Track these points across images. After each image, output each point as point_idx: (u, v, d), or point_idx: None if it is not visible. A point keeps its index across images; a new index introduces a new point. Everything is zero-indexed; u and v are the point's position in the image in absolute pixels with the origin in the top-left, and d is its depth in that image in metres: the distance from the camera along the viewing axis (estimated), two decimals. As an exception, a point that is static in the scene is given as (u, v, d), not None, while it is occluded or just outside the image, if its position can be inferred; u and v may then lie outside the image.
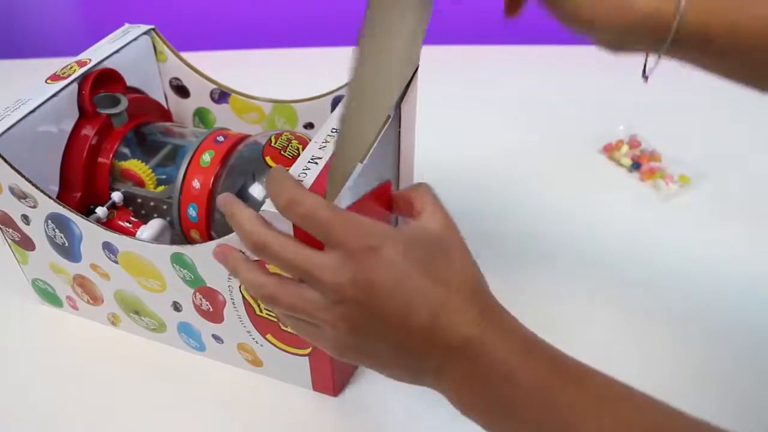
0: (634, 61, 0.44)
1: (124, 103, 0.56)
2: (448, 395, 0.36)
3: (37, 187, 0.48)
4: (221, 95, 0.63)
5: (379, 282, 0.34)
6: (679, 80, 0.56)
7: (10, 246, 0.55)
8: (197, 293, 0.48)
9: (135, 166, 0.56)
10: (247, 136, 0.55)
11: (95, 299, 0.55)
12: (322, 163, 0.39)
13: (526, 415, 0.33)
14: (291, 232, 0.37)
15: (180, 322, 0.52)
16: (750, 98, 0.43)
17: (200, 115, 0.66)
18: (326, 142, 0.42)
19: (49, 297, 0.58)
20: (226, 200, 0.38)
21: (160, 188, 0.56)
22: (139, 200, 0.56)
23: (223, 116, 0.64)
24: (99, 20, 1.13)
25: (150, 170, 0.56)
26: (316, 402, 0.51)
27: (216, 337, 0.51)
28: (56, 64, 0.52)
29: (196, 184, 0.52)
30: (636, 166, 0.74)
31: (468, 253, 0.37)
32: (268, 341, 0.49)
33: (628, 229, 0.66)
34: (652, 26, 0.40)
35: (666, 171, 0.73)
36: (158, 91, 0.65)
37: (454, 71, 0.93)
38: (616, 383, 0.33)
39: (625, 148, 0.76)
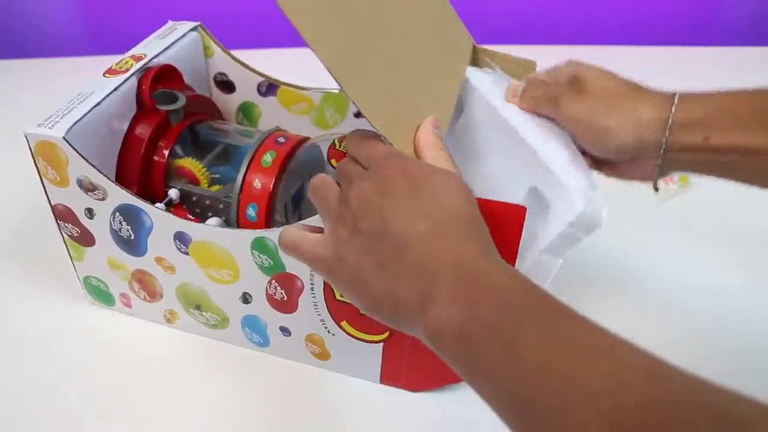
0: (636, 65, 0.43)
1: (181, 100, 0.55)
2: (429, 327, 0.31)
3: (109, 178, 0.47)
4: (269, 88, 0.63)
5: (394, 183, 0.34)
6: (680, 79, 0.56)
7: (65, 242, 0.54)
8: (273, 281, 0.48)
9: (190, 164, 0.55)
10: (306, 138, 0.55)
11: (153, 295, 0.54)
12: None
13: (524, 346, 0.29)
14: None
15: (246, 315, 0.52)
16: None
17: (245, 109, 0.66)
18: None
19: (101, 295, 0.57)
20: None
21: (214, 187, 0.55)
22: (194, 198, 0.55)
23: (269, 110, 0.64)
24: (99, 20, 1.12)
25: (204, 168, 0.55)
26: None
27: (283, 330, 0.51)
28: (56, 64, 0.51)
29: (257, 184, 0.51)
30: (636, 166, 0.74)
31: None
32: (342, 329, 0.49)
33: (628, 228, 0.65)
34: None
35: (666, 171, 0.73)
36: (204, 88, 0.65)
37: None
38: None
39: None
